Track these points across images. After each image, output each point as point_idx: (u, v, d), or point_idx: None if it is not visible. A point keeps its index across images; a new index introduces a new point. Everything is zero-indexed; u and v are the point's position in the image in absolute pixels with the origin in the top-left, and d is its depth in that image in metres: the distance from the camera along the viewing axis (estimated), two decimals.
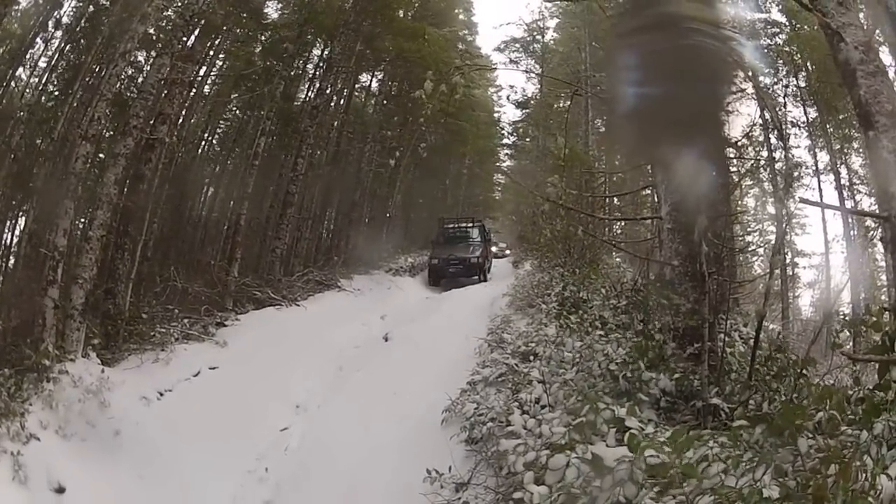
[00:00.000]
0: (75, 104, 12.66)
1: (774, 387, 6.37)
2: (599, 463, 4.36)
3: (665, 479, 3.98)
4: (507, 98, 29.62)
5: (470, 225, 24.57)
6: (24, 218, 11.97)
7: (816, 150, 16.45)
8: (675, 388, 6.65)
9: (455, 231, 24.32)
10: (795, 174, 15.09)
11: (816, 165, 16.34)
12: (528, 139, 29.37)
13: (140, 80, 13.45)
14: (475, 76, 25.40)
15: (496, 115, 30.74)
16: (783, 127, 14.53)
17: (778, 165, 12.78)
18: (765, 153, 14.12)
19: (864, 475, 3.18)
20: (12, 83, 12.33)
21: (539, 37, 27.79)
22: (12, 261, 12.01)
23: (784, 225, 9.11)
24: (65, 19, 13.09)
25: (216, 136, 18.45)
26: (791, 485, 3.42)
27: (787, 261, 17.08)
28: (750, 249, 14.91)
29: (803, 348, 7.19)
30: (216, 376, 11.07)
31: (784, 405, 4.82)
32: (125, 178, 11.48)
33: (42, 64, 12.94)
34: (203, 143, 17.62)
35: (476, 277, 22.26)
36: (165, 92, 12.49)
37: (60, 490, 7.08)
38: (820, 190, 16.17)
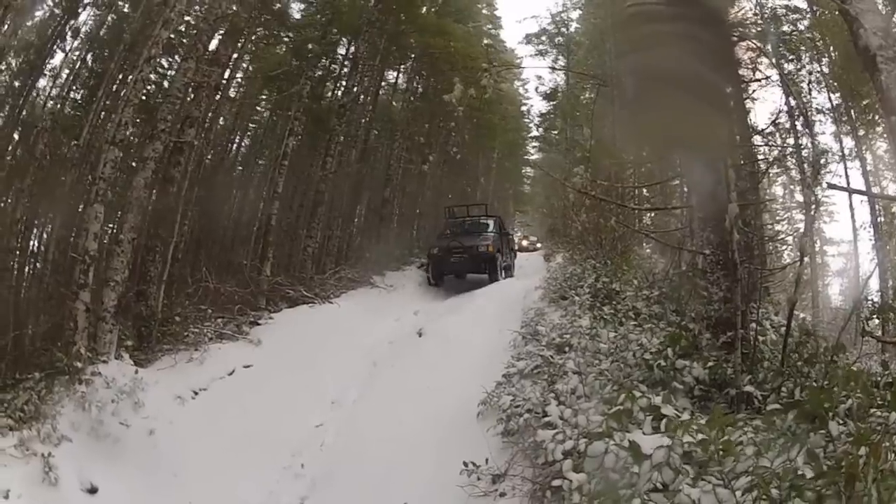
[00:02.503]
0: (101, 111, 12.64)
1: (806, 372, 6.37)
2: (637, 449, 4.30)
3: (702, 460, 4.04)
4: (536, 90, 29.37)
5: (483, 216, 21.39)
6: (50, 225, 11.95)
7: (841, 136, 16.04)
8: (708, 376, 6.61)
9: (464, 223, 21.05)
10: (822, 161, 14.65)
11: (842, 152, 15.92)
12: (555, 131, 28.96)
13: (165, 85, 13.40)
14: (503, 71, 25.28)
15: (524, 107, 30.55)
16: (808, 113, 14.11)
17: (805, 153, 12.42)
18: (791, 140, 13.73)
19: (893, 455, 3.23)
20: (33, 93, 12.32)
21: (564, 29, 27.39)
22: (39, 266, 11.98)
23: (812, 211, 9.18)
24: (84, 28, 13.12)
25: (245, 138, 18.44)
26: (824, 465, 3.48)
27: (817, 249, 16.75)
28: (779, 238, 14.51)
29: (834, 336, 7.06)
30: (251, 374, 10.91)
31: (813, 390, 4.89)
32: (155, 181, 11.37)
33: (64, 73, 13.00)
34: (231, 144, 17.63)
35: (487, 274, 19.00)
36: (192, 96, 12.38)
37: (93, 490, 6.93)
38: (846, 176, 15.69)
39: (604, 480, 4.42)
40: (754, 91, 11.76)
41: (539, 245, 28.20)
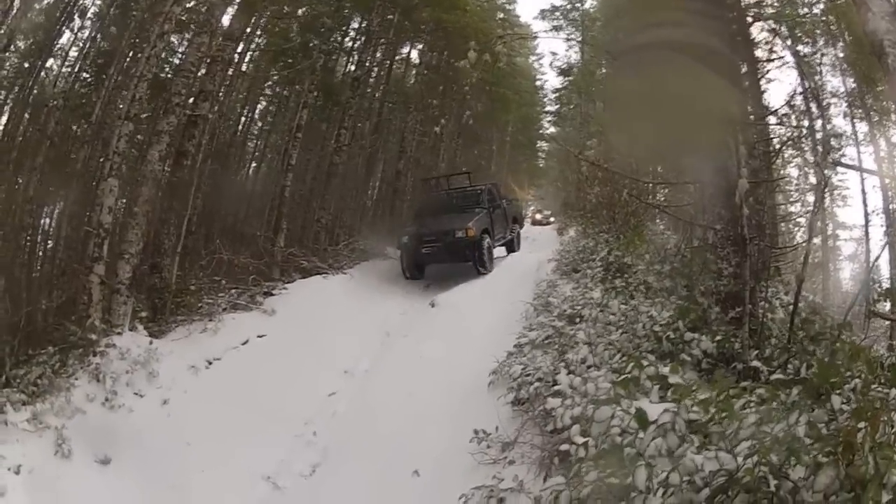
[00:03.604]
0: (112, 89, 12.54)
1: (811, 350, 6.37)
2: (643, 416, 4.30)
3: (708, 430, 4.06)
4: (550, 65, 29.00)
5: (467, 188, 17.84)
6: (62, 202, 11.90)
7: (855, 120, 15.77)
8: (716, 349, 6.59)
9: (441, 200, 17.64)
10: (834, 143, 14.45)
11: (856, 136, 15.68)
12: (570, 106, 28.59)
13: (175, 61, 13.30)
14: (517, 44, 24.93)
15: (538, 82, 30.13)
16: (820, 95, 13.85)
17: (819, 135, 12.24)
18: (806, 122, 13.53)
19: (891, 429, 3.30)
20: (42, 73, 12.22)
21: (579, 4, 26.92)
22: (50, 243, 11.96)
23: (822, 190, 9.25)
24: (93, 8, 13.00)
25: (257, 111, 18.28)
26: (823, 430, 3.56)
27: (829, 232, 16.57)
28: (792, 219, 14.36)
29: (841, 317, 6.91)
30: (264, 344, 10.81)
31: (820, 365, 4.87)
32: (168, 154, 11.27)
33: (72, 53, 12.92)
34: (244, 118, 17.45)
35: (472, 263, 15.54)
36: (205, 70, 12.23)
37: (106, 461, 6.92)
38: (859, 160, 15.51)
39: (609, 444, 4.35)
40: (769, 71, 11.63)
41: (553, 219, 27.89)
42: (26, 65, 11.96)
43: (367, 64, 18.91)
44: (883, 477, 3.04)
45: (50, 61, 12.54)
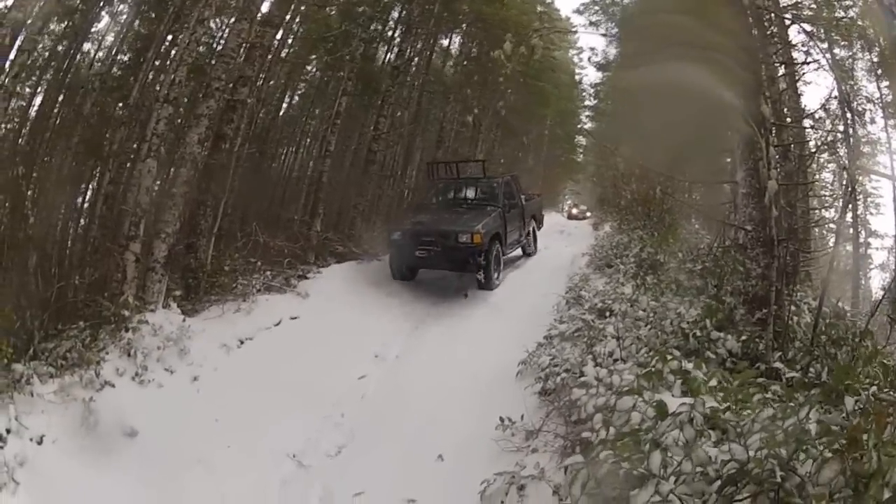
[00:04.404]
0: (149, 72, 12.59)
1: (833, 353, 6.48)
2: (664, 408, 4.37)
3: (722, 415, 4.11)
4: (589, 59, 28.64)
5: (480, 178, 15.25)
6: (96, 182, 11.93)
7: (889, 127, 15.30)
8: (741, 349, 6.72)
9: (448, 192, 15.29)
10: (868, 150, 14.06)
11: (889, 143, 15.22)
12: (609, 101, 28.27)
13: (217, 47, 13.30)
14: (555, 38, 24.65)
15: (577, 77, 29.82)
16: (850, 101, 13.45)
17: (852, 142, 11.97)
18: (841, 127, 13.18)
19: None
20: (77, 56, 12.27)
21: None
22: (84, 222, 12.00)
23: (849, 193, 9.41)
24: None
25: (296, 98, 18.21)
26: (832, 422, 3.60)
27: (861, 239, 16.12)
28: (826, 224, 14.07)
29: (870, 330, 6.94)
30: (297, 326, 10.75)
31: (838, 367, 5.09)
32: (207, 137, 11.25)
33: (109, 37, 12.99)
34: (283, 104, 17.42)
35: (475, 273, 13.01)
36: (245, 56, 12.19)
37: (132, 434, 6.84)
38: (893, 169, 15.02)
39: (630, 435, 4.28)
40: (804, 74, 11.78)
41: (589, 213, 27.80)
42: (60, 48, 12.00)
43: (408, 53, 18.76)
44: (885, 474, 3.07)
45: (87, 45, 12.61)
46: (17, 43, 9.53)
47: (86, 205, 11.84)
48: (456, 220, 13.36)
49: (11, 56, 9.39)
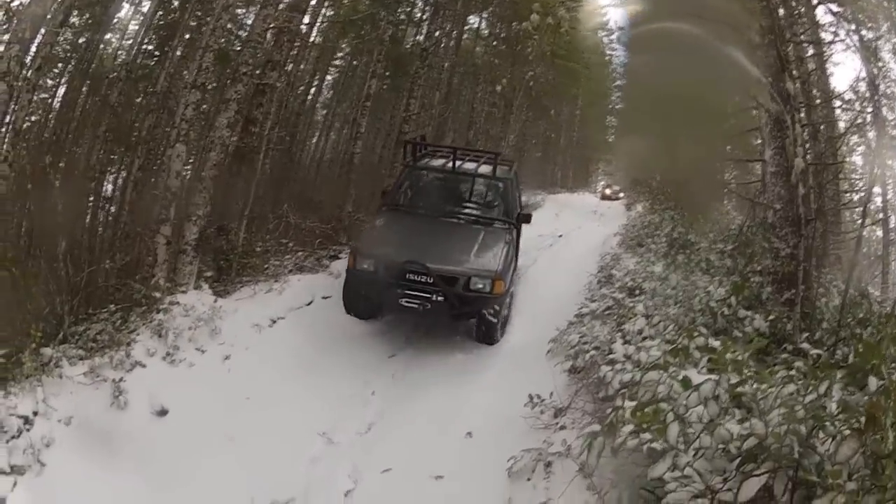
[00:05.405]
0: (175, 60, 12.54)
1: (859, 335, 6.35)
2: (689, 383, 4.28)
3: (743, 387, 4.03)
4: (618, 39, 28.15)
5: (487, 176, 10.60)
6: (126, 168, 11.94)
7: None
8: (768, 329, 6.69)
9: (451, 187, 10.68)
10: (895, 132, 13.64)
11: None
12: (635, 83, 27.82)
13: (242, 34, 13.25)
14: (583, 17, 24.23)
15: (607, 57, 29.40)
16: (876, 82, 13.02)
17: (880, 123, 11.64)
18: (870, 109, 12.78)
19: None
20: (100, 46, 12.26)
21: None
22: (114, 208, 12.03)
23: (874, 175, 9.68)
24: None
25: (326, 81, 18.13)
26: (850, 399, 3.55)
27: (892, 224, 15.65)
28: (855, 208, 13.69)
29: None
30: (329, 305, 10.54)
31: (865, 346, 4.80)
32: (237, 121, 11.15)
33: (132, 26, 12.98)
34: (313, 87, 17.34)
35: (481, 328, 9.27)
36: (273, 41, 12.06)
37: (163, 413, 6.73)
38: None
39: (653, 410, 4.19)
40: (832, 55, 11.73)
41: (622, 194, 27.48)
42: (81, 40, 11.99)
43: (437, 34, 18.51)
44: None
45: (108, 35, 12.61)
46: (38, 37, 9.48)
47: (115, 192, 11.83)
48: (460, 249, 9.28)
49: (33, 49, 9.33)
